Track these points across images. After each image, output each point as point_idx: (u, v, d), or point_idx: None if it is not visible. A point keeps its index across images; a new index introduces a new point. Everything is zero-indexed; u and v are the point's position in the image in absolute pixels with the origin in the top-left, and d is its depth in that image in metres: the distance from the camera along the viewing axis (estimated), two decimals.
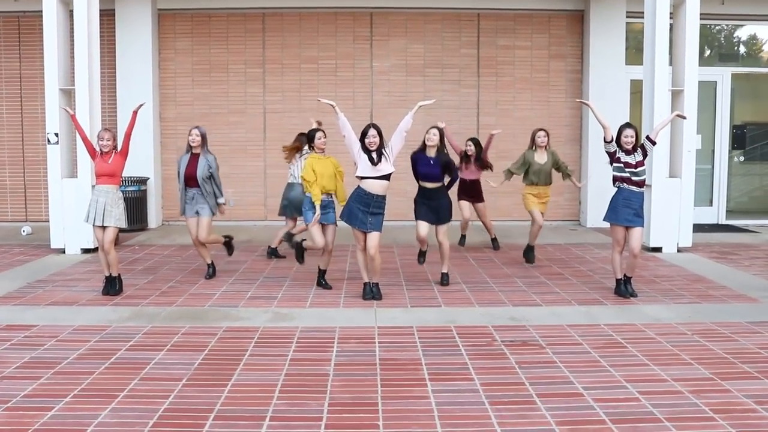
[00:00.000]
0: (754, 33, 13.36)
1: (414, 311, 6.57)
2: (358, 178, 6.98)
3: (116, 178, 7.28)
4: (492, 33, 12.69)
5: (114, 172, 7.25)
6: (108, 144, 7.25)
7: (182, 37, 12.57)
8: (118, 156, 7.27)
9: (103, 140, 7.23)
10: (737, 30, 13.35)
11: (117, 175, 7.28)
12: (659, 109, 9.72)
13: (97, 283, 7.72)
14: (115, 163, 7.25)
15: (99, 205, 7.16)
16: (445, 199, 7.56)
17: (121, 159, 7.29)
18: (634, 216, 7.10)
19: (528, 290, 7.43)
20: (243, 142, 12.58)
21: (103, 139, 7.24)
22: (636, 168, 7.12)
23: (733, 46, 13.54)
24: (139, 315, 6.40)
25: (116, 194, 7.22)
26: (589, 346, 5.47)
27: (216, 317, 6.32)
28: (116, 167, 7.25)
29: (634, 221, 7.08)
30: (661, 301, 6.97)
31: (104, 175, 7.23)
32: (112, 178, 7.24)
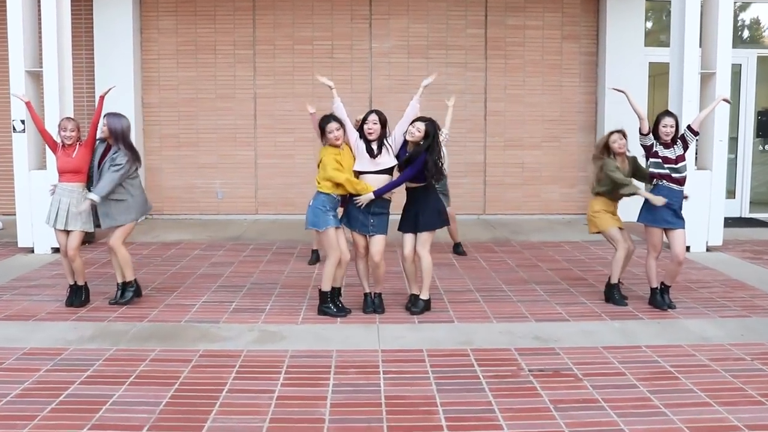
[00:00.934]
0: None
1: (423, 328, 5.68)
2: (356, 173, 6.02)
3: (82, 175, 6.31)
4: (501, 12, 11.76)
5: (79, 168, 6.28)
6: (72, 135, 6.29)
7: (166, 16, 11.61)
8: (84, 148, 6.32)
9: (66, 131, 6.27)
10: (762, 10, 12.40)
11: (83, 171, 6.32)
12: (688, 95, 8.83)
13: (63, 290, 6.81)
14: (80, 156, 6.29)
15: (62, 205, 6.22)
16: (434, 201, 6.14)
17: (87, 152, 6.34)
18: (674, 217, 6.22)
19: (550, 300, 6.55)
20: (232, 129, 11.67)
21: (66, 130, 6.27)
22: (677, 163, 6.23)
23: (759, 27, 12.61)
24: (103, 333, 5.50)
25: (82, 194, 6.25)
26: (634, 377, 4.59)
27: (192, 337, 5.43)
28: (81, 162, 6.29)
29: (675, 223, 6.20)
30: (704, 314, 6.10)
31: (68, 172, 6.27)
32: (77, 175, 6.28)
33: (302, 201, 10.22)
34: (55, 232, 6.37)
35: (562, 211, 11.94)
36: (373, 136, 5.96)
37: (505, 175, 11.81)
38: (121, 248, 6.38)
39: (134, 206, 6.37)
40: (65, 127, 6.28)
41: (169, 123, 11.71)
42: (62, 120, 6.42)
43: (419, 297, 6.15)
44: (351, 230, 6.08)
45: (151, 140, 11.66)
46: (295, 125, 11.48)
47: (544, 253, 8.90)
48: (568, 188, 11.93)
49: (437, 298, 6.54)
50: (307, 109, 6.27)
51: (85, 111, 11.33)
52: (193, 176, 11.77)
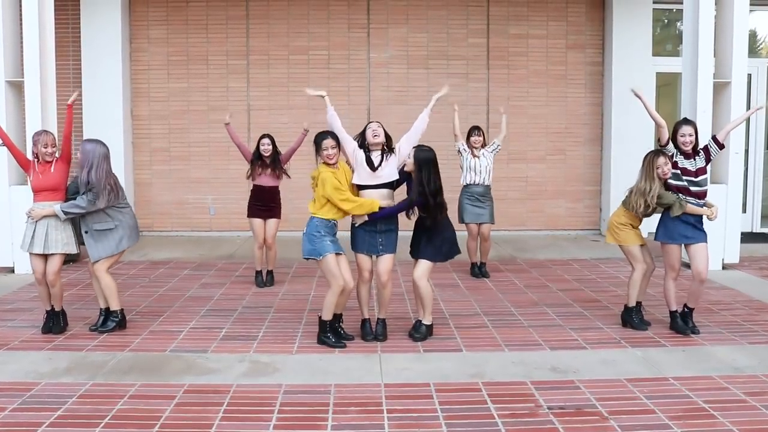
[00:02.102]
0: None
1: (429, 359, 5.22)
2: (356, 187, 5.58)
3: (60, 192, 5.82)
4: (503, 20, 11.40)
5: (57, 185, 5.79)
6: (52, 152, 5.81)
7: (156, 25, 11.22)
8: (60, 164, 5.85)
9: (47, 147, 5.77)
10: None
11: (61, 188, 5.82)
12: (702, 105, 8.43)
13: (41, 315, 6.35)
14: (58, 172, 5.81)
15: (38, 227, 5.71)
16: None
17: (64, 167, 5.87)
18: (693, 230, 5.80)
19: (564, 325, 6.10)
20: (225, 143, 11.06)
21: (47, 146, 5.76)
22: (696, 176, 5.81)
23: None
24: (79, 365, 5.03)
25: None
26: (666, 415, 4.13)
27: (177, 369, 4.96)
28: (60, 179, 5.80)
29: (695, 237, 5.79)
30: (731, 340, 5.65)
31: (45, 190, 5.75)
32: (54, 193, 5.77)
33: (297, 217, 9.83)
34: (30, 257, 5.84)
35: (568, 227, 11.52)
36: (378, 139, 5.52)
37: (508, 189, 11.38)
38: (106, 276, 5.90)
39: (124, 235, 5.89)
40: (46, 143, 5.77)
41: (159, 136, 11.28)
42: (40, 135, 5.86)
43: (422, 321, 5.72)
44: (356, 253, 5.66)
45: (140, 154, 11.23)
46: (290, 139, 10.81)
47: (553, 272, 8.46)
48: (574, 203, 11.52)
49: (443, 324, 6.09)
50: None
51: None
52: (184, 191, 11.33)
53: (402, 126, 9.64)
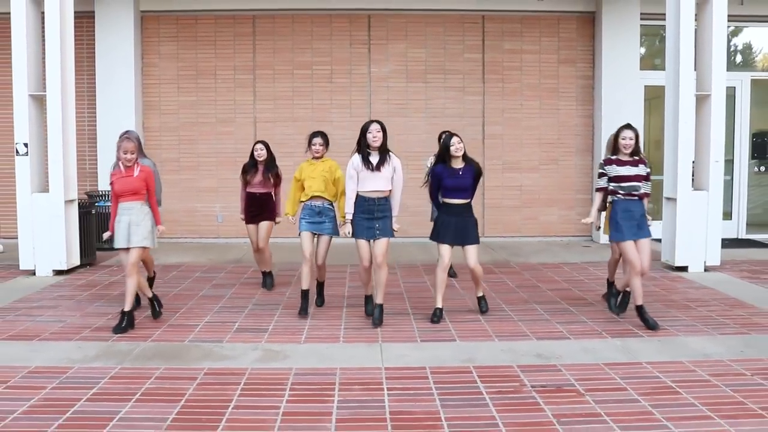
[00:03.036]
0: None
1: (425, 347, 5.72)
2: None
3: (141, 195, 6.37)
4: (498, 36, 11.94)
5: (138, 189, 6.33)
6: (130, 158, 6.32)
7: (167, 41, 11.78)
8: (143, 172, 6.38)
9: (127, 153, 6.29)
10: (757, 33, 12.56)
11: (141, 192, 6.37)
12: (684, 116, 8.95)
13: (66, 311, 6.87)
14: (141, 178, 6.34)
15: (122, 224, 6.28)
16: (473, 217, 6.73)
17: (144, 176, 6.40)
18: (638, 228, 6.39)
19: (551, 319, 6.60)
20: (232, 153, 11.72)
21: (126, 152, 6.29)
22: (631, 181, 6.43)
23: (752, 50, 12.78)
24: (107, 353, 5.52)
25: (141, 209, 6.33)
26: (636, 392, 4.63)
27: (196, 356, 5.46)
28: (141, 184, 6.34)
29: (640, 233, 6.39)
30: (704, 332, 6.14)
31: (127, 194, 6.31)
32: (136, 195, 6.34)
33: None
34: (120, 252, 6.45)
35: (561, 233, 12.02)
36: (377, 143, 6.30)
37: (503, 197, 11.90)
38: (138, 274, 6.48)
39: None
40: (125, 149, 6.29)
41: (169, 147, 11.80)
42: (122, 141, 6.37)
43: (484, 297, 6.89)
44: (357, 240, 6.38)
45: None
46: (294, 149, 11.45)
47: (544, 274, 8.95)
48: (567, 210, 12.02)
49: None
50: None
51: (86, 135, 11.44)
52: (193, 200, 11.84)
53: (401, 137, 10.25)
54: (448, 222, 6.55)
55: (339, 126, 11.49)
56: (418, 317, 6.66)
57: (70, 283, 8.29)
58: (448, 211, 6.58)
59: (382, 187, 6.35)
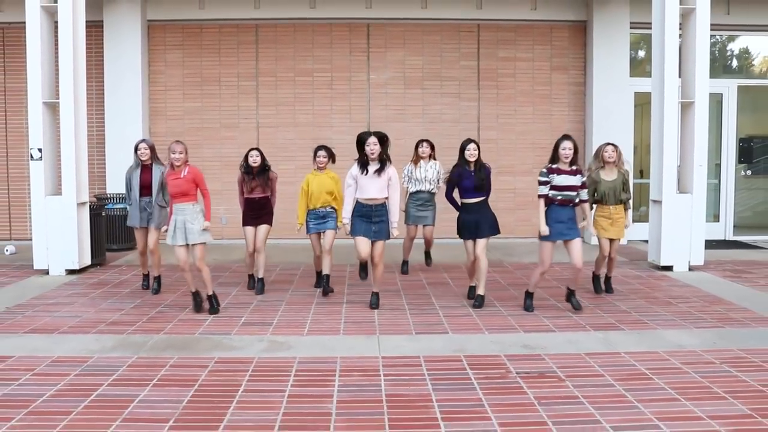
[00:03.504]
0: (759, 44, 13.00)
1: (420, 339, 6.13)
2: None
3: (192, 196, 6.95)
4: (492, 44, 12.37)
5: (187, 191, 6.91)
6: (180, 157, 6.86)
7: (173, 49, 12.20)
8: (191, 174, 6.93)
9: (175, 153, 6.85)
10: (742, 41, 13.00)
11: (191, 193, 6.94)
12: (669, 122, 9.36)
13: (81, 308, 7.29)
14: (188, 180, 6.90)
15: (178, 224, 6.89)
16: (490, 211, 7.44)
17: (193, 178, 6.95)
18: (568, 229, 6.95)
19: (539, 314, 7.01)
20: (235, 157, 12.00)
21: (174, 152, 6.85)
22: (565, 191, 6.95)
23: (738, 58, 13.21)
24: (123, 344, 5.94)
25: (194, 210, 6.94)
26: (612, 377, 5.04)
27: (207, 347, 5.87)
28: (190, 185, 6.91)
29: (569, 234, 6.96)
30: (681, 326, 6.56)
31: (178, 195, 6.89)
32: (186, 197, 6.91)
33: None
34: (175, 248, 6.96)
35: None
36: (374, 155, 6.96)
37: (498, 200, 12.21)
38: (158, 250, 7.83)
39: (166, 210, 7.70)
40: (174, 149, 6.82)
41: None
42: (171, 143, 6.95)
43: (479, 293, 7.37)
44: (355, 237, 7.07)
45: None
46: (295, 153, 11.96)
47: None
48: None
49: (433, 313, 7.01)
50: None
51: (94, 140, 11.82)
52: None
53: (400, 142, 10.67)
54: (468, 220, 7.32)
55: (339, 131, 11.92)
56: (414, 312, 7.07)
57: (83, 282, 8.69)
58: (467, 210, 7.36)
59: (377, 194, 7.05)
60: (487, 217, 7.39)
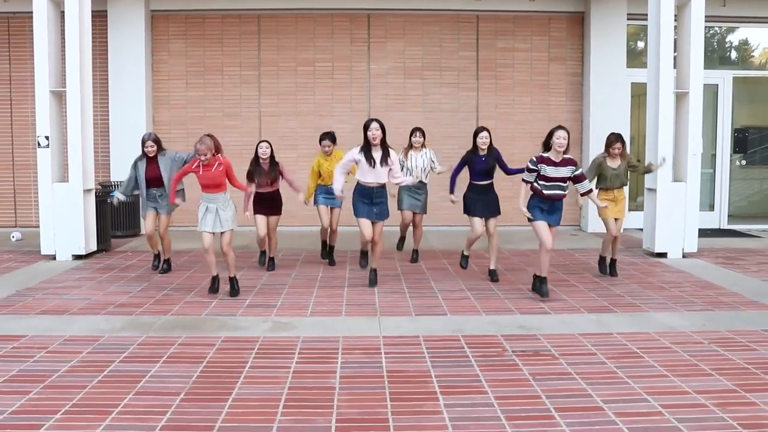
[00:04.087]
0: (755, 36, 13.17)
1: (419, 320, 6.34)
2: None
3: (222, 187, 7.23)
4: (491, 35, 12.51)
5: (219, 182, 7.18)
6: (207, 157, 7.08)
7: (176, 39, 12.33)
8: (221, 167, 7.18)
9: (201, 154, 7.04)
10: (738, 32, 13.17)
11: (222, 184, 7.21)
12: (664, 112, 9.53)
13: (89, 291, 7.48)
14: (218, 173, 7.15)
15: (209, 212, 7.17)
16: (495, 194, 8.10)
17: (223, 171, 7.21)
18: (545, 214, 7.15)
19: (535, 298, 7.21)
20: (238, 146, 12.23)
21: (200, 153, 7.04)
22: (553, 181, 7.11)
23: (734, 49, 13.37)
24: (132, 324, 6.14)
25: (223, 198, 7.23)
26: (604, 356, 5.25)
27: (213, 327, 6.07)
28: (220, 177, 7.17)
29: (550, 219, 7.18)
30: (672, 309, 6.76)
31: (210, 186, 7.17)
32: (218, 187, 7.19)
33: (303, 214, 10.91)
34: (203, 234, 7.21)
35: None
36: (377, 141, 7.29)
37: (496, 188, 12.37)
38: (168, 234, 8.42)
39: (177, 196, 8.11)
40: (199, 150, 7.03)
41: (178, 140, 12.30)
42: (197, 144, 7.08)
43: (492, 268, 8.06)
44: (358, 218, 7.44)
45: None
46: (297, 142, 12.14)
47: (532, 259, 9.53)
48: None
49: (433, 296, 7.23)
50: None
51: (98, 128, 11.94)
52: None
53: (399, 131, 10.86)
54: (476, 199, 7.96)
55: (340, 120, 12.09)
56: (414, 295, 7.27)
57: (90, 267, 8.88)
58: (476, 191, 7.99)
59: (379, 179, 7.47)
60: (493, 198, 8.09)
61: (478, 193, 7.99)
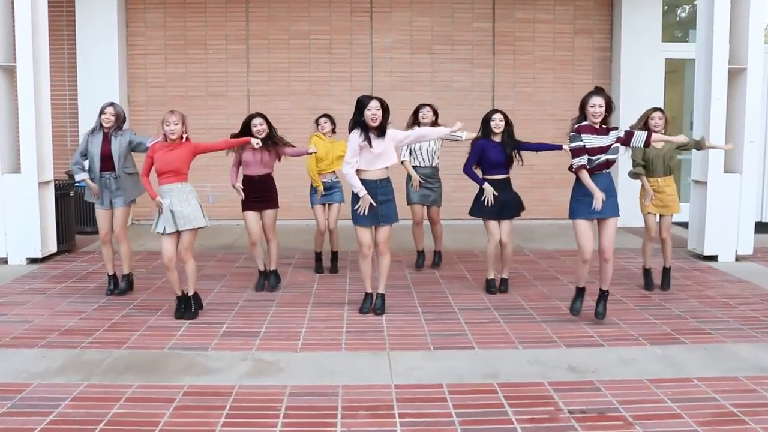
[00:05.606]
0: None
1: (440, 356, 4.99)
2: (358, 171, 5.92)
3: (183, 176, 5.85)
4: (509, 5, 11.26)
5: (179, 169, 5.79)
6: (176, 129, 5.72)
7: (153, 9, 11.06)
8: (185, 149, 5.84)
9: (170, 125, 5.70)
10: None
11: (183, 172, 5.84)
12: (717, 91, 8.21)
13: (34, 309, 6.18)
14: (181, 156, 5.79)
15: (164, 207, 5.73)
16: (513, 190, 6.81)
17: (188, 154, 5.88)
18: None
19: (578, 320, 5.88)
20: (224, 129, 10.86)
21: (169, 124, 5.70)
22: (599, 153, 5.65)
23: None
24: (74, 364, 4.80)
25: (182, 189, 5.82)
26: (693, 420, 3.90)
27: (177, 368, 4.73)
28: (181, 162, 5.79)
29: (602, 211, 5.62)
30: (752, 337, 5.44)
31: (168, 172, 5.76)
32: (177, 176, 5.80)
33: (298, 205, 9.65)
34: (161, 240, 5.81)
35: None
36: (376, 123, 5.76)
37: (514, 178, 10.87)
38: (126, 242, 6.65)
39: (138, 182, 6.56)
40: (167, 120, 5.71)
41: (156, 122, 10.70)
42: (166, 114, 5.81)
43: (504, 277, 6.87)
44: (356, 227, 5.92)
45: None
46: (290, 125, 10.75)
47: (561, 263, 8.26)
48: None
49: (453, 319, 5.91)
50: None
51: (66, 110, 10.76)
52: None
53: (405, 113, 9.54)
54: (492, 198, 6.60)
55: (339, 100, 10.89)
56: (429, 317, 5.96)
57: (44, 274, 7.57)
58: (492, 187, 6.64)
59: (382, 164, 5.89)
60: (512, 195, 6.78)
61: (494, 190, 6.65)
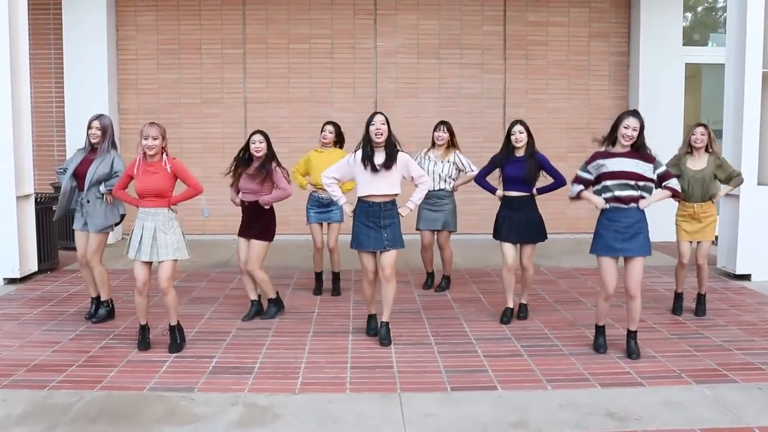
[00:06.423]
0: None
1: (458, 400, 4.36)
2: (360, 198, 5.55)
3: (166, 200, 5.28)
4: (521, 7, 10.83)
5: (163, 191, 5.24)
6: (154, 145, 5.15)
7: (145, 11, 10.61)
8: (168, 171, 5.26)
9: (148, 139, 5.13)
10: None
11: (167, 194, 5.29)
12: (750, 98, 7.71)
13: (4, 340, 5.55)
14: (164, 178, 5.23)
15: (146, 232, 5.19)
16: (536, 210, 6.18)
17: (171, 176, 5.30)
18: (622, 242, 5.13)
19: (610, 353, 5.26)
20: (219, 138, 10.56)
21: (148, 138, 5.14)
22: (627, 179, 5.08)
23: None
24: (40, 409, 4.17)
25: (167, 216, 5.29)
26: None
27: (156, 415, 4.10)
28: (165, 184, 5.24)
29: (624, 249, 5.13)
30: None
31: (150, 195, 5.21)
32: (161, 199, 5.24)
33: (297, 219, 9.09)
34: (135, 264, 5.27)
35: (591, 230, 10.56)
36: (381, 138, 5.36)
37: None
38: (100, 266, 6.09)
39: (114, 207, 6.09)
40: (146, 133, 5.15)
41: None
42: (145, 125, 5.22)
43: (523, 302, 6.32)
44: (360, 252, 5.46)
45: (128, 151, 10.35)
46: (289, 134, 10.41)
47: (582, 283, 7.67)
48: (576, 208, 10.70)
49: (470, 351, 5.28)
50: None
51: (53, 118, 10.30)
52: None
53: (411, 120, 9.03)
54: (506, 217, 6.09)
55: (341, 108, 10.51)
56: (443, 349, 5.34)
57: (21, 296, 6.97)
58: (508, 205, 6.12)
59: (387, 190, 5.45)
60: (533, 216, 6.14)
61: (509, 209, 6.10)
